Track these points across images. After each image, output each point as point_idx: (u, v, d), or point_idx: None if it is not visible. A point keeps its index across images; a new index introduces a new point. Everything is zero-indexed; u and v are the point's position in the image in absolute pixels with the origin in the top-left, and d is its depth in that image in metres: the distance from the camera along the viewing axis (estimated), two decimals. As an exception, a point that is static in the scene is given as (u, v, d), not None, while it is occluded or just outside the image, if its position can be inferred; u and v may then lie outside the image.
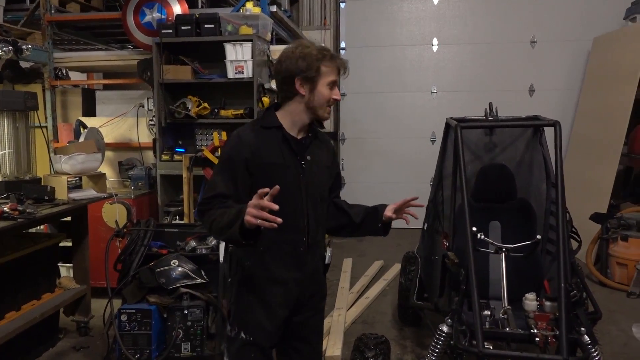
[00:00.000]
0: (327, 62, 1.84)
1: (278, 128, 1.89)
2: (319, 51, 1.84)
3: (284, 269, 1.92)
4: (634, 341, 3.58)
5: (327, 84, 1.85)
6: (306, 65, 1.81)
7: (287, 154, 1.88)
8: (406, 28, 6.75)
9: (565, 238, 2.42)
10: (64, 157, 3.44)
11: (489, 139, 3.40)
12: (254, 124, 1.96)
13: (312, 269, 2.00)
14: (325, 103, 1.87)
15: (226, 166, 1.86)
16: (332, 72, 1.85)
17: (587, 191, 5.39)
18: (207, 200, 1.83)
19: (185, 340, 3.02)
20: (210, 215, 1.79)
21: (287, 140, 1.89)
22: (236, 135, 1.91)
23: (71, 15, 4.98)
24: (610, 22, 6.01)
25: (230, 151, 1.88)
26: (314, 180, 1.94)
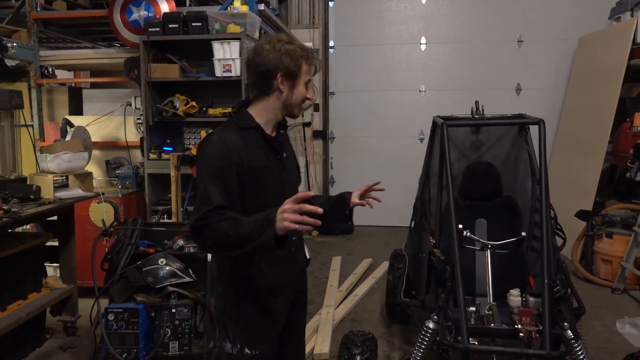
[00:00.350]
0: (307, 60, 1.81)
1: (256, 128, 1.82)
2: (302, 49, 1.81)
3: (280, 274, 1.88)
4: (617, 336, 3.63)
5: (305, 82, 1.82)
6: (291, 62, 1.76)
7: (270, 154, 1.83)
8: (395, 27, 6.77)
9: (549, 235, 2.45)
10: (50, 156, 3.41)
11: (475, 137, 3.43)
12: (231, 125, 1.83)
13: (300, 267, 2.02)
14: (301, 102, 1.84)
15: (218, 176, 1.71)
16: (309, 71, 1.84)
17: (573, 189, 5.45)
18: (204, 216, 1.65)
19: (173, 339, 3.01)
20: (211, 230, 1.64)
21: (268, 140, 1.84)
22: (220, 141, 1.76)
23: (57, 12, 4.94)
24: (596, 21, 6.07)
25: (220, 159, 1.73)
26: (291, 177, 1.95)
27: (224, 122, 1.90)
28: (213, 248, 1.75)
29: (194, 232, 1.69)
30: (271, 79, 1.77)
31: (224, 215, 1.64)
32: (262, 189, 1.79)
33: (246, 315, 1.85)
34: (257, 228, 1.58)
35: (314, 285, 4.72)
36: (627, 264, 4.38)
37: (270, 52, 1.76)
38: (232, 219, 1.64)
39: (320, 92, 6.91)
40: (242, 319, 1.86)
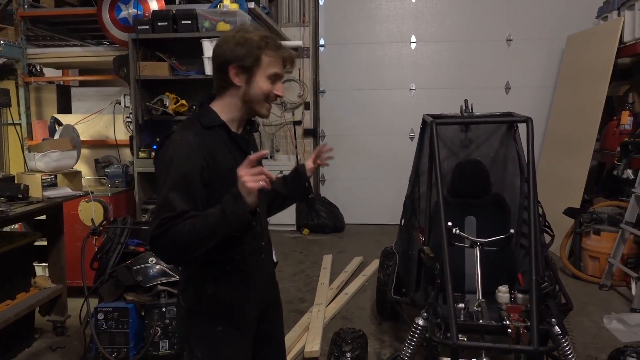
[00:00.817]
0: (269, 51, 1.62)
1: (221, 126, 1.66)
2: (262, 38, 1.61)
3: (251, 283, 1.76)
4: (604, 331, 3.68)
5: (268, 76, 1.63)
6: (244, 53, 1.59)
7: (238, 154, 1.66)
8: (385, 26, 6.79)
9: (537, 232, 2.48)
10: (38, 155, 3.39)
11: (464, 136, 3.45)
12: (193, 124, 1.66)
13: (270, 273, 1.91)
14: (262, 98, 1.65)
15: (182, 181, 1.54)
16: (275, 63, 1.63)
17: (561, 186, 5.51)
18: (165, 222, 1.48)
19: (164, 338, 3.00)
20: (174, 233, 1.48)
21: (234, 139, 1.68)
22: (183, 142, 1.59)
23: (45, 10, 4.89)
24: (583, 20, 6.13)
25: (184, 163, 1.56)
26: None
27: (185, 120, 1.77)
28: (177, 254, 1.55)
29: (155, 241, 1.50)
30: (225, 71, 1.62)
31: (186, 216, 1.50)
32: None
33: (214, 333, 1.71)
34: (226, 209, 1.47)
35: (305, 283, 4.73)
36: (614, 261, 4.43)
37: (225, 42, 1.63)
38: (195, 217, 1.51)
39: (310, 90, 6.92)
40: (210, 338, 1.72)
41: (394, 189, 5.49)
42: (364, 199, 6.90)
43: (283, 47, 1.66)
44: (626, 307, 4.11)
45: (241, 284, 1.74)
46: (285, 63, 1.67)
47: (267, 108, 1.69)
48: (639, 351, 2.41)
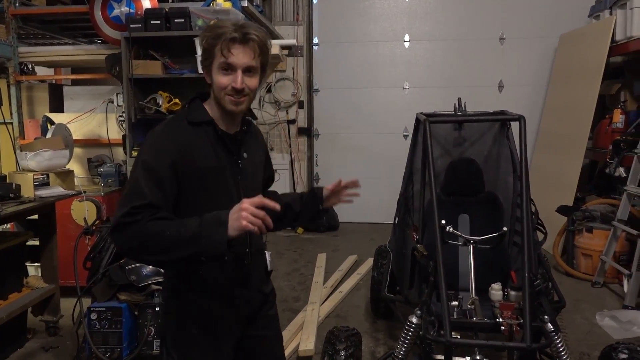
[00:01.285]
0: (218, 42, 1.53)
1: (208, 123, 1.61)
2: (219, 28, 1.55)
3: (228, 291, 1.67)
4: (597, 328, 3.70)
5: (219, 68, 1.55)
6: (204, 44, 1.57)
7: (223, 153, 1.61)
8: (379, 24, 6.79)
9: (529, 229, 2.49)
10: (30, 154, 3.37)
11: (458, 134, 3.46)
12: (178, 119, 1.63)
13: (257, 282, 1.78)
14: (220, 92, 1.57)
15: (153, 172, 1.51)
16: (223, 50, 1.53)
17: (554, 184, 5.53)
18: (134, 211, 1.44)
19: (157, 338, 2.99)
20: (139, 228, 1.43)
21: (221, 138, 1.61)
22: (162, 135, 1.57)
23: (37, 8, 4.85)
24: (576, 19, 6.16)
25: (156, 155, 1.53)
26: (252, 180, 1.72)
27: (174, 115, 1.72)
28: (137, 250, 1.48)
29: (117, 229, 1.46)
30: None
31: (157, 215, 1.46)
32: (206, 193, 1.58)
33: (188, 336, 1.67)
34: (204, 229, 1.42)
35: (299, 282, 4.73)
36: (607, 258, 4.46)
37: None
38: (168, 219, 1.48)
39: (304, 89, 6.91)
40: (183, 341, 1.68)
41: (388, 187, 5.49)
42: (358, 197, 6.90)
43: (225, 31, 1.52)
44: (618, 304, 4.14)
45: (218, 290, 1.66)
46: (223, 47, 1.52)
47: (229, 101, 1.57)
48: (630, 347, 2.42)
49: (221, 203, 1.53)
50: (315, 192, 1.91)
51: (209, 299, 1.66)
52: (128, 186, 1.54)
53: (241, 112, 1.62)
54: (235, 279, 1.69)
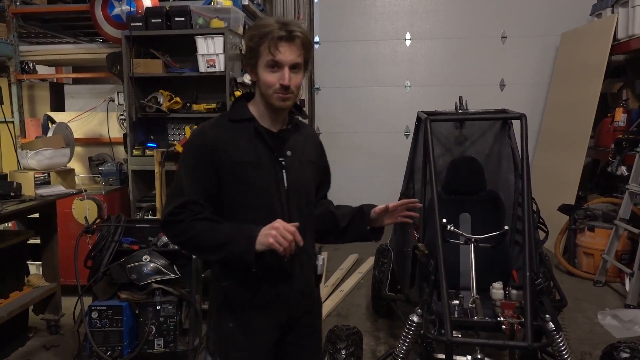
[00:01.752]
0: (264, 39, 1.55)
1: (249, 120, 1.65)
2: (264, 26, 1.56)
3: (267, 287, 1.67)
4: (598, 327, 3.69)
5: (265, 66, 1.58)
6: (249, 43, 1.59)
7: (261, 150, 1.64)
8: (380, 23, 6.78)
9: (531, 228, 2.48)
10: (31, 153, 3.37)
11: (459, 132, 3.46)
12: (221, 117, 1.72)
13: (301, 283, 1.72)
14: (268, 89, 1.60)
15: (191, 167, 1.62)
16: (269, 49, 1.55)
17: (556, 183, 5.52)
18: (176, 211, 1.58)
19: (158, 336, 2.99)
20: (184, 227, 1.57)
21: (260, 134, 1.64)
22: (199, 132, 1.67)
23: (37, 7, 4.86)
24: (577, 18, 6.14)
25: (194, 149, 1.64)
26: (297, 179, 1.69)
27: (217, 115, 1.83)
28: (182, 245, 1.65)
29: (164, 226, 1.62)
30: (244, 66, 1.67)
31: (199, 215, 1.57)
32: (244, 187, 1.62)
33: (226, 328, 1.70)
34: (235, 238, 1.52)
35: (300, 281, 4.72)
36: (608, 257, 4.45)
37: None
38: (207, 221, 1.57)
39: (305, 87, 6.89)
40: (221, 332, 1.71)
41: (389, 186, 5.47)
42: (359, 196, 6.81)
43: (271, 30, 1.55)
44: (620, 303, 4.13)
45: (253, 288, 1.66)
46: (271, 46, 1.55)
47: (276, 99, 1.60)
48: (632, 347, 2.41)
49: (260, 198, 1.62)
50: (364, 211, 1.78)
51: (246, 294, 1.67)
52: (172, 184, 1.66)
53: (288, 108, 1.65)
54: (274, 275, 1.67)
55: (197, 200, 1.58)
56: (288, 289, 1.69)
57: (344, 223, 1.80)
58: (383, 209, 1.73)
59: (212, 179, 1.61)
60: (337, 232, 1.82)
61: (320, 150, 1.85)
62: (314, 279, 1.79)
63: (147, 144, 4.43)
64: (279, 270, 1.65)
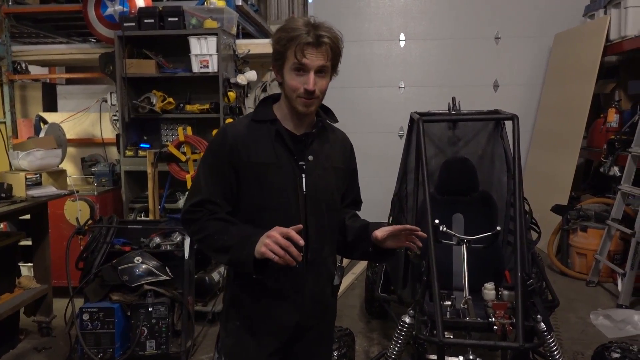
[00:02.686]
0: (292, 42, 1.52)
1: (272, 122, 1.62)
2: (292, 30, 1.53)
3: (276, 291, 1.63)
4: (591, 327, 3.71)
5: (292, 69, 1.54)
6: (277, 46, 1.56)
7: (281, 152, 1.60)
8: (374, 23, 6.78)
9: (522, 228, 2.48)
10: (22, 153, 3.34)
11: (452, 133, 3.46)
12: (246, 117, 1.71)
13: (315, 291, 1.66)
14: (292, 93, 1.56)
15: (210, 166, 1.63)
16: (296, 53, 1.52)
17: (549, 183, 5.54)
18: (193, 208, 1.60)
19: (150, 338, 2.99)
20: (200, 226, 1.58)
21: (281, 136, 1.60)
22: (222, 130, 1.67)
23: (30, 7, 4.83)
24: (570, 18, 6.16)
25: (214, 148, 1.64)
26: (318, 184, 1.63)
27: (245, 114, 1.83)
28: (200, 244, 1.64)
29: (183, 223, 1.67)
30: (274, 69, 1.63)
31: (216, 214, 1.58)
32: (261, 188, 1.60)
33: (233, 327, 1.69)
34: (240, 243, 1.50)
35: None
36: (601, 257, 4.47)
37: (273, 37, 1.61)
38: (222, 221, 1.57)
39: (300, 88, 6.89)
40: (229, 330, 1.71)
41: (383, 186, 5.46)
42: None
43: (302, 35, 1.51)
44: (612, 303, 4.14)
45: (262, 287, 1.63)
46: (297, 51, 1.51)
47: (300, 103, 1.56)
48: (623, 347, 2.42)
49: (277, 200, 1.59)
50: (368, 230, 1.67)
51: (254, 294, 1.65)
52: (192, 182, 1.68)
53: (312, 113, 1.62)
54: (286, 284, 1.63)
55: (214, 200, 1.59)
56: (299, 296, 1.64)
57: (350, 238, 1.73)
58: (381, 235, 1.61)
59: (230, 178, 1.60)
60: (346, 246, 1.76)
61: (349, 154, 1.79)
62: (330, 288, 1.72)
63: (140, 145, 4.42)
64: (289, 277, 1.61)
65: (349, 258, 1.81)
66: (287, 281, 1.62)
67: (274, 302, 1.64)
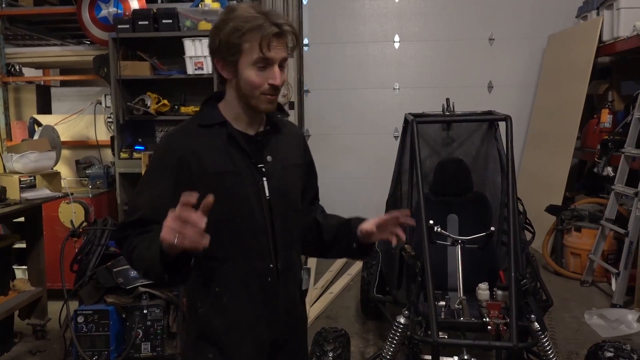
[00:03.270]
0: (249, 34, 1.34)
1: (221, 124, 1.45)
2: (249, 19, 1.35)
3: (249, 311, 1.48)
4: (585, 327, 3.72)
5: (253, 64, 1.37)
6: (224, 42, 1.37)
7: (237, 157, 1.44)
8: (368, 25, 6.79)
9: (516, 229, 2.50)
10: (16, 156, 3.33)
11: (446, 134, 3.48)
12: (189, 122, 1.51)
13: (287, 302, 1.53)
14: (254, 91, 1.40)
15: (153, 182, 1.43)
16: (257, 47, 1.35)
17: (543, 184, 5.56)
18: (124, 227, 1.42)
19: (145, 340, 2.98)
20: (128, 244, 1.38)
21: (235, 139, 1.44)
22: (165, 141, 1.48)
23: (24, 9, 4.82)
24: (564, 20, 6.19)
25: (157, 163, 1.46)
26: (280, 186, 1.50)
27: (185, 120, 1.57)
28: (133, 266, 1.42)
29: (116, 244, 1.46)
30: (215, 64, 1.45)
31: (146, 228, 1.37)
32: (221, 200, 1.34)
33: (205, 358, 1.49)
34: (147, 252, 1.28)
35: (289, 283, 4.72)
36: (595, 257, 4.49)
37: (211, 32, 1.42)
38: (147, 235, 1.35)
39: (295, 90, 6.89)
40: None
41: (379, 187, 5.47)
42: (349, 197, 6.89)
43: (264, 25, 1.35)
44: (607, 303, 4.16)
45: (234, 309, 1.47)
46: (263, 44, 1.35)
47: (265, 101, 1.41)
48: (616, 346, 2.44)
49: (240, 211, 1.43)
50: (350, 226, 1.56)
51: (227, 320, 1.47)
52: (132, 197, 1.50)
53: (274, 110, 1.48)
54: (258, 298, 1.48)
55: (146, 219, 1.39)
56: (273, 309, 1.50)
57: (329, 237, 1.60)
58: (371, 227, 1.51)
59: (176, 194, 1.32)
60: (322, 246, 1.63)
61: (304, 147, 1.65)
62: (299, 294, 1.60)
63: (134, 147, 4.41)
64: (263, 291, 1.48)
65: (323, 257, 1.68)
66: (259, 298, 1.48)
67: (247, 323, 1.48)
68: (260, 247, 1.46)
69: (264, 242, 1.46)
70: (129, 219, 1.42)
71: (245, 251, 1.45)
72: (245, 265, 1.46)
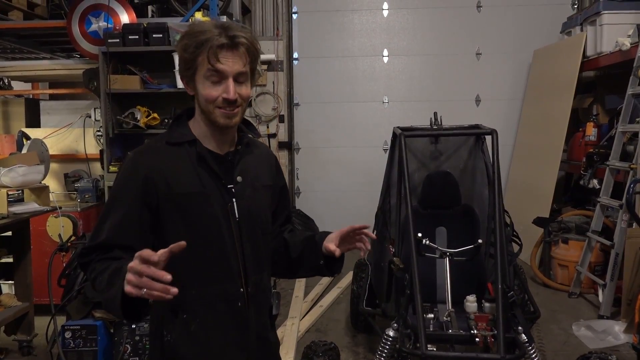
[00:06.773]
0: (201, 49, 1.33)
1: (191, 143, 1.42)
2: (200, 33, 1.34)
3: (219, 338, 1.43)
4: (573, 338, 3.75)
5: (205, 77, 1.36)
6: (184, 58, 1.37)
7: (206, 177, 1.40)
8: (358, 39, 6.88)
9: (503, 241, 2.53)
10: (4, 170, 3.32)
11: (434, 148, 3.52)
12: (158, 140, 1.47)
13: (258, 327, 1.49)
14: (209, 105, 1.37)
15: (117, 204, 1.39)
16: (210, 57, 1.33)
17: (531, 196, 5.63)
18: (86, 252, 1.37)
19: (134, 355, 2.96)
20: (90, 270, 1.34)
21: (204, 159, 1.41)
22: (131, 160, 1.42)
23: (13, 23, 4.81)
24: (549, 35, 6.32)
25: (122, 183, 1.41)
26: (250, 208, 1.46)
27: (153, 138, 1.54)
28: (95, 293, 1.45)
29: (80, 267, 1.45)
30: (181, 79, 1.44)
31: (109, 254, 1.33)
32: (188, 222, 1.39)
33: None
34: (106, 289, 1.25)
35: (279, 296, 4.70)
36: (582, 269, 4.53)
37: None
38: (109, 260, 1.31)
39: (285, 103, 6.94)
40: None
41: (368, 200, 5.50)
42: (339, 210, 6.91)
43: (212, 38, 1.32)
44: (594, 314, 4.20)
45: (204, 336, 1.41)
46: (211, 55, 1.33)
47: (220, 115, 1.38)
48: (603, 357, 2.47)
49: (208, 233, 1.40)
50: (315, 241, 1.54)
51: (196, 348, 1.42)
52: (98, 220, 1.43)
53: (235, 125, 1.43)
54: (228, 324, 1.43)
55: (108, 243, 1.35)
56: (244, 335, 1.45)
57: (295, 253, 1.56)
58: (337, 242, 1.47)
59: (144, 217, 1.37)
60: (290, 264, 1.59)
61: (276, 170, 1.62)
62: (269, 320, 1.56)
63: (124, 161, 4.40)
64: (233, 317, 1.43)
65: (294, 276, 1.63)
66: (229, 324, 1.43)
67: (218, 350, 1.43)
68: (230, 270, 1.42)
69: (233, 266, 1.42)
70: (92, 243, 1.37)
71: (214, 275, 1.40)
72: (215, 290, 1.41)
